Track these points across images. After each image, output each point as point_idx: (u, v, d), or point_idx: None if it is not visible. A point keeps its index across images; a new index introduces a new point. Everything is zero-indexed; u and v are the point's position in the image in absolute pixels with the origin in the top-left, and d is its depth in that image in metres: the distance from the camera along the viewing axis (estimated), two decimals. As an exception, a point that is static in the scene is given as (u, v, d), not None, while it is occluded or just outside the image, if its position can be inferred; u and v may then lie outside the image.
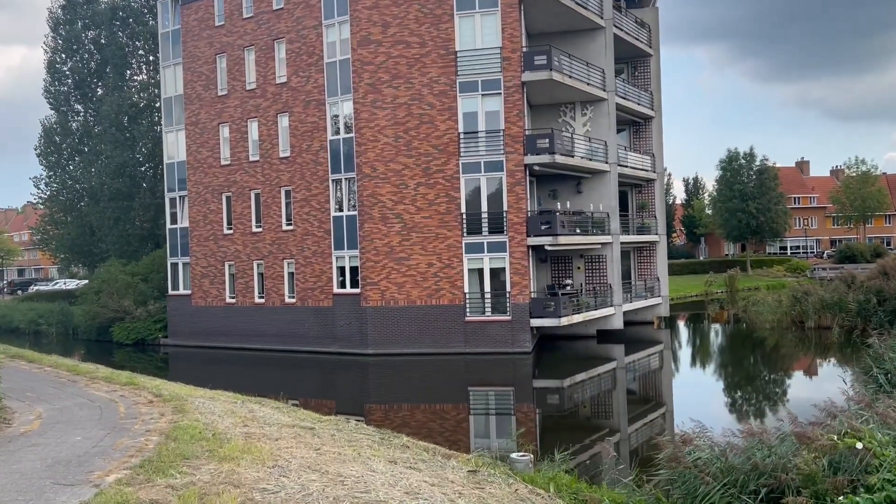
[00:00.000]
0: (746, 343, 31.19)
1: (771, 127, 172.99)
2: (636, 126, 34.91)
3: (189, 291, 33.69)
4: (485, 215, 26.86)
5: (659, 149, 34.99)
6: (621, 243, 30.66)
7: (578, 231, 28.00)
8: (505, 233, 26.62)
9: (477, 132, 26.87)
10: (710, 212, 75.59)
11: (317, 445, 10.11)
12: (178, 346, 33.66)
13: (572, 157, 27.80)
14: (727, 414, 18.14)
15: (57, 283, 74.14)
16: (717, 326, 38.30)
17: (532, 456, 9.73)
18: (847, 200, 75.68)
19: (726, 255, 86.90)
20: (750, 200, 60.48)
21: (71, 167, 48.95)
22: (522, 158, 26.46)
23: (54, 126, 48.81)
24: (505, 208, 26.60)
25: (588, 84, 29.05)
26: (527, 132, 26.84)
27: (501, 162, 26.59)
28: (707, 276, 54.54)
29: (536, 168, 26.99)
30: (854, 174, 76.69)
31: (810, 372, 24.25)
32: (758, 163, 62.15)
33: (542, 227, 26.60)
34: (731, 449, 7.79)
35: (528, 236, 26.53)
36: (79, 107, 49.58)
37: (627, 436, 16.44)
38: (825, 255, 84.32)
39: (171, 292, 34.59)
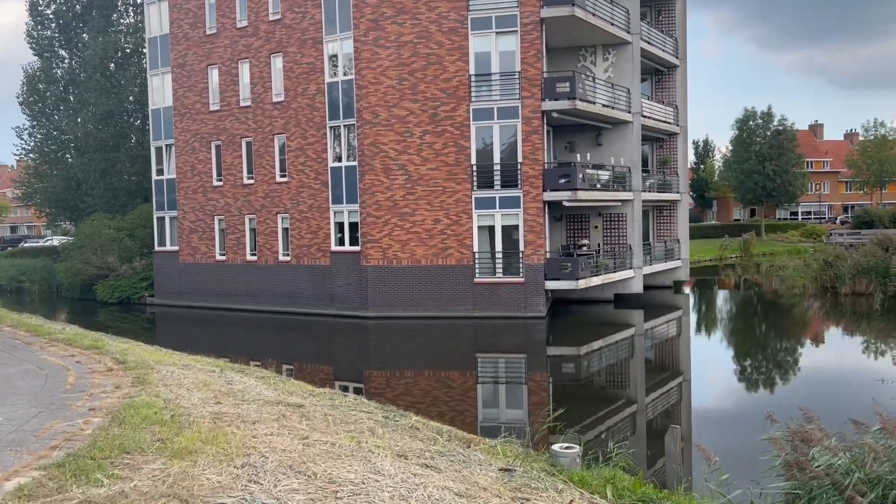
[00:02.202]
0: (780, 310, 28.91)
1: (776, 93, 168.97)
2: (659, 75, 32.32)
3: (176, 248, 31.45)
4: (497, 167, 24.49)
5: (683, 101, 32.44)
6: (642, 201, 28.33)
7: (599, 186, 25.65)
8: (519, 187, 24.28)
9: (490, 75, 24.36)
10: (721, 173, 72.98)
11: (304, 432, 7.96)
12: (165, 305, 31.54)
13: (593, 104, 25.31)
14: (779, 393, 16.02)
15: (49, 240, 71.84)
16: (740, 291, 36.03)
17: (579, 448, 7.57)
18: (864, 164, 73.03)
19: (736, 219, 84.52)
20: (767, 162, 57.88)
21: (56, 117, 46.24)
22: (540, 104, 23.99)
23: (37, 73, 46.00)
24: (519, 160, 24.22)
25: (612, 24, 26.42)
26: (545, 75, 24.30)
27: (517, 108, 24.13)
28: (722, 241, 52.25)
29: (555, 115, 24.52)
30: (872, 137, 73.90)
31: (868, 342, 22.01)
32: (776, 122, 59.41)
33: (561, 181, 24.25)
34: (870, 452, 5.59)
35: (544, 191, 24.19)
36: (63, 52, 46.71)
37: (662, 415, 14.35)
38: (838, 220, 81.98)
39: (157, 248, 32.35)
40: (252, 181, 28.88)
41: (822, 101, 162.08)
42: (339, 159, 26.33)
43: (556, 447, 7.72)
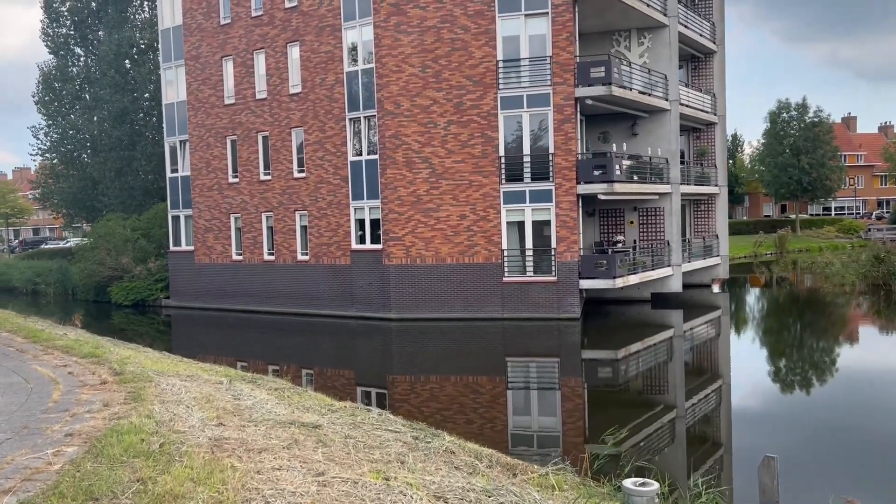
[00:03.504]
0: (833, 311, 26.88)
1: (803, 86, 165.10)
2: (695, 62, 30.61)
3: (192, 248, 30.31)
4: (527, 159, 22.99)
5: (721, 88, 30.69)
6: (680, 195, 26.66)
7: (636, 178, 24.04)
8: (551, 179, 22.75)
9: (519, 60, 22.86)
10: (753, 167, 70.64)
11: (320, 464, 6.56)
12: (181, 307, 30.42)
13: (630, 91, 23.71)
14: (851, 411, 14.32)
15: (69, 242, 71.44)
16: (783, 290, 34.02)
17: (658, 485, 6.09)
18: (902, 157, 70.43)
19: (766, 216, 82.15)
20: (802, 155, 55.68)
21: (72, 116, 45.46)
22: (573, 91, 22.44)
23: (53, 71, 45.25)
24: (551, 150, 22.70)
25: (648, 6, 24.79)
26: (578, 60, 22.75)
27: (548, 95, 22.60)
28: (756, 237, 50.26)
29: (588, 102, 22.95)
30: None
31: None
32: (811, 114, 57.17)
33: (595, 173, 22.69)
34: None
35: (577, 183, 22.64)
36: (79, 50, 45.94)
37: (725, 432, 12.77)
38: (873, 215, 79.28)
39: (172, 248, 31.24)
40: (269, 177, 27.63)
41: (851, 94, 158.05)
42: (359, 153, 24.97)
43: (628, 484, 6.25)
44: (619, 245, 26.00)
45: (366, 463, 6.88)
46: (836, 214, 79.46)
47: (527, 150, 22.96)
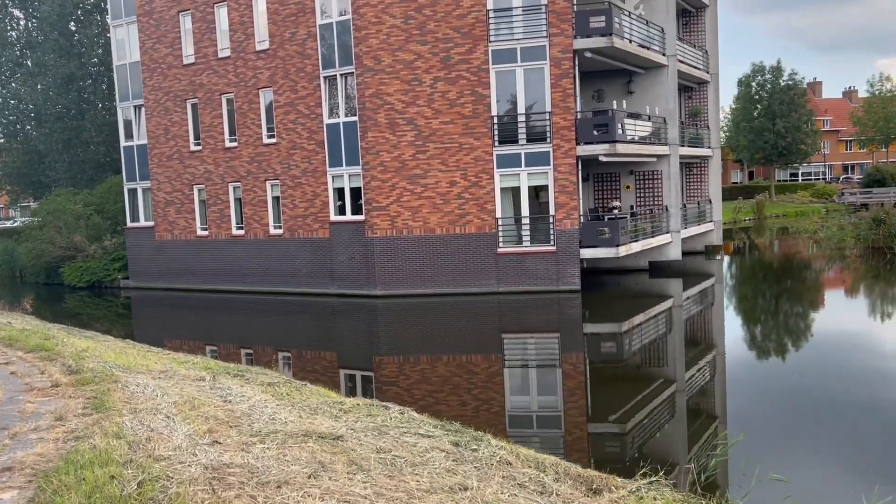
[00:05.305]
0: (838, 276, 25.74)
1: (758, 55, 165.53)
2: (686, 16, 28.99)
3: (151, 223, 27.83)
4: (522, 118, 21.14)
5: (714, 45, 29.19)
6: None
7: (637, 139, 22.38)
8: (548, 140, 20.95)
9: (511, 9, 20.88)
10: (723, 133, 69.78)
11: (365, 500, 4.72)
12: (141, 288, 28.00)
13: (630, 43, 21.95)
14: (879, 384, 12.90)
15: (16, 221, 67.42)
16: (778, 255, 32.79)
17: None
18: (870, 121, 70.29)
19: (734, 182, 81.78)
20: (777, 119, 54.84)
21: (13, 84, 42.01)
22: (571, 43, 20.58)
23: (-10, 37, 41.62)
24: (548, 109, 20.85)
25: (646, -48, 22.99)
26: (575, 7, 20.85)
27: (544, 48, 20.70)
28: (735, 203, 49.39)
29: (587, 55, 21.10)
30: (878, 94, 71.06)
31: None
32: (785, 77, 56.27)
33: (596, 133, 20.94)
34: None
35: (577, 144, 20.88)
36: (17, 13, 42.34)
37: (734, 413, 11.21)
38: (841, 179, 79.53)
39: (129, 224, 28.70)
40: (235, 144, 25.26)
41: (802, 64, 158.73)
42: (336, 115, 22.79)
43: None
44: (616, 212, 24.41)
45: (424, 495, 5.06)
46: (802, 180, 79.45)
47: (522, 108, 21.09)
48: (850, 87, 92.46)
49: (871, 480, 7.30)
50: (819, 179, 79.62)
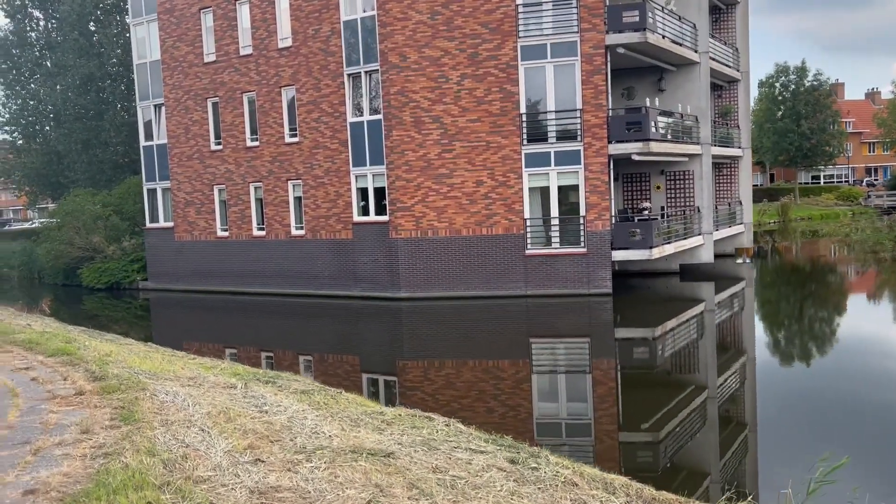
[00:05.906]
0: (879, 279, 24.78)
1: (772, 57, 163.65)
2: (716, 13, 28.25)
3: (171, 224, 27.44)
4: (552, 116, 20.52)
5: (744, 42, 28.43)
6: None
7: (670, 137, 21.71)
8: (579, 139, 20.32)
9: (541, 3, 20.31)
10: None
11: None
12: (160, 290, 27.62)
13: (663, 38, 21.29)
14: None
15: (35, 223, 67.52)
16: (810, 258, 31.79)
17: None
18: (894, 123, 68.93)
19: (754, 185, 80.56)
20: (803, 120, 53.82)
21: (33, 85, 41.85)
22: (603, 38, 19.95)
23: (10, 37, 41.52)
24: (579, 106, 20.23)
25: (679, -55, 22.32)
26: (608, 2, 20.22)
27: (575, 43, 20.08)
28: (760, 205, 48.45)
29: (620, 51, 20.45)
30: (903, 94, 69.68)
31: None
32: (810, 77, 55.25)
33: (629, 131, 20.29)
34: None
35: (609, 143, 20.23)
36: (37, 13, 42.18)
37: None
38: (864, 182, 78.17)
39: (149, 225, 28.33)
40: (256, 143, 24.81)
41: (816, 65, 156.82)
42: (360, 113, 22.29)
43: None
44: (646, 213, 23.71)
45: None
46: (825, 183, 78.17)
47: (551, 105, 20.47)
48: (873, 89, 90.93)
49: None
50: (842, 182, 78.32)
